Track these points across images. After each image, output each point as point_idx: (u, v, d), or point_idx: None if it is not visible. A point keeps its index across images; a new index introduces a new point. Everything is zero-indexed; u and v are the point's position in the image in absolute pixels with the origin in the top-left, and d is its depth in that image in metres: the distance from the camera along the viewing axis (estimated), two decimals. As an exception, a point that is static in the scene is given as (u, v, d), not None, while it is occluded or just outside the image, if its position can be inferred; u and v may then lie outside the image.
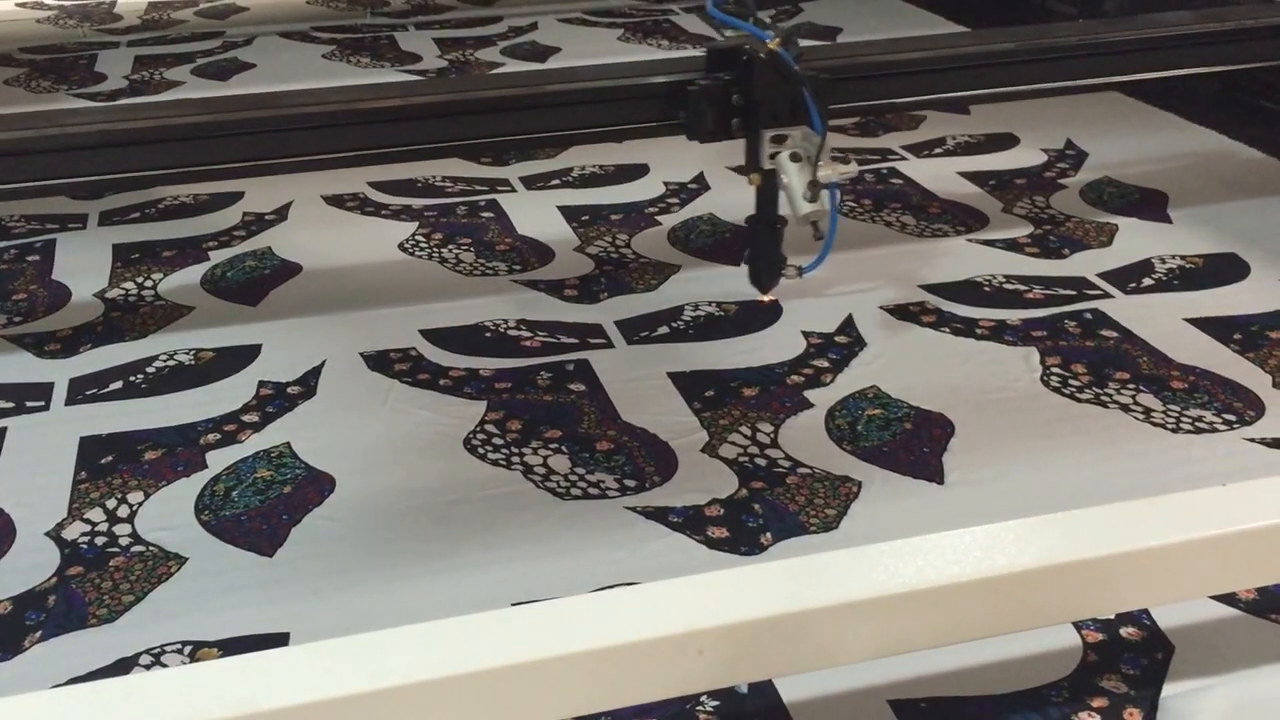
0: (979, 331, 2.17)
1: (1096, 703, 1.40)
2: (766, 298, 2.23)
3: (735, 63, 2.01)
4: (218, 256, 2.52)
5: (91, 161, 1.93)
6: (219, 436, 1.90)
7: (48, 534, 1.69)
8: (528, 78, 2.48)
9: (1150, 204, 2.70)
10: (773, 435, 1.89)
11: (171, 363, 2.11)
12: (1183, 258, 2.44)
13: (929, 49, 2.40)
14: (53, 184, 2.02)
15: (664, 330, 2.20)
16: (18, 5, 4.55)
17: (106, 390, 2.03)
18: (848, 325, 2.20)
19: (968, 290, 2.31)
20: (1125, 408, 1.94)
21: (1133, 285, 2.33)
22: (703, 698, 1.40)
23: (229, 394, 2.02)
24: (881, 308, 2.26)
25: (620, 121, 2.18)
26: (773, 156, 1.99)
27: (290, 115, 2.01)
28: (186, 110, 2.00)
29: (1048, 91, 2.63)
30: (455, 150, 2.58)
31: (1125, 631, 1.50)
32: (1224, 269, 2.39)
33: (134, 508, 1.74)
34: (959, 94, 2.63)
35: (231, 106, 2.14)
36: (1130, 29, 2.48)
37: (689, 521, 1.70)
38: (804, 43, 2.06)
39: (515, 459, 1.85)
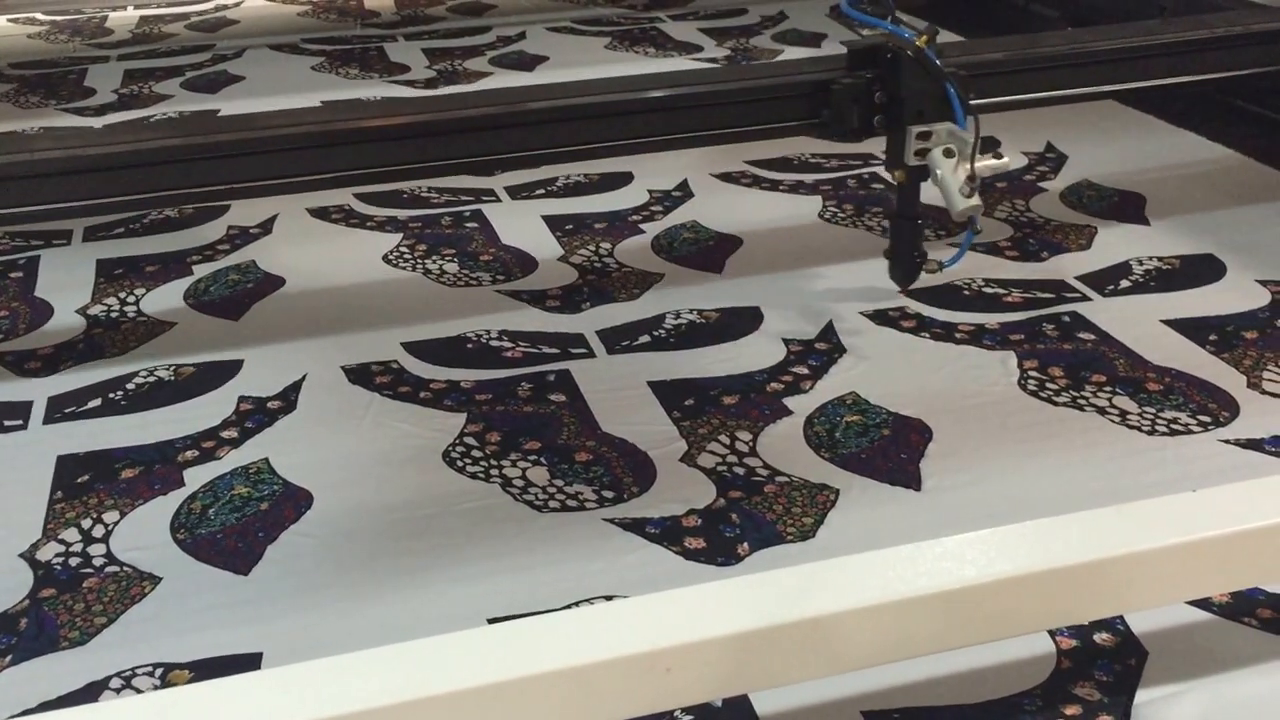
0: (958, 336, 2.17)
1: (1070, 710, 1.40)
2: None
3: (879, 61, 2.07)
4: (201, 270, 2.52)
5: (65, 188, 1.89)
6: (197, 453, 1.90)
7: (21, 555, 1.69)
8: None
9: (1128, 206, 2.70)
10: (751, 443, 1.89)
11: (152, 379, 2.11)
12: (1160, 259, 2.44)
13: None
14: (26, 211, 1.98)
15: (645, 339, 2.20)
16: (9, 21, 4.56)
17: (85, 408, 2.03)
18: (828, 331, 2.20)
19: (947, 294, 2.31)
20: (1102, 410, 1.94)
21: (1110, 288, 2.33)
22: (676, 711, 1.40)
23: (209, 410, 2.02)
24: (862, 313, 2.26)
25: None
26: (918, 154, 2.05)
27: (275, 136, 1.98)
28: (164, 134, 1.96)
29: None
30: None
31: (1099, 637, 1.50)
32: (1201, 270, 2.39)
33: (109, 527, 1.74)
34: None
35: (212, 129, 2.12)
36: (1120, 38, 2.45)
37: (666, 533, 1.70)
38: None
39: (494, 471, 1.85)
